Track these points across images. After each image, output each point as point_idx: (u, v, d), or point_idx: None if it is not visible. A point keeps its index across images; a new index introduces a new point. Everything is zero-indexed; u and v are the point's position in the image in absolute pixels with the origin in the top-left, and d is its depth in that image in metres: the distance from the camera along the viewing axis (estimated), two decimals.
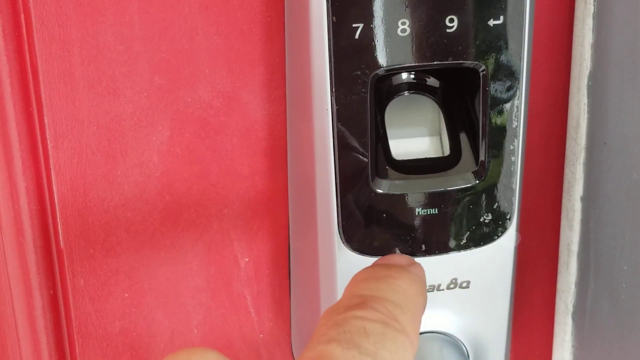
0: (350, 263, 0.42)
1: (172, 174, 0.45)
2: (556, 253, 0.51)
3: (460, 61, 0.39)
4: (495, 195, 0.42)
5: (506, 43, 0.39)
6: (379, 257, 0.42)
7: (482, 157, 0.41)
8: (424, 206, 0.41)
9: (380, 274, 0.33)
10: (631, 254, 0.45)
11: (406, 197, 0.41)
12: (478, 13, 0.39)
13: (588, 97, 0.46)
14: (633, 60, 0.43)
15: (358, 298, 0.30)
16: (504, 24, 0.39)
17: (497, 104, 0.41)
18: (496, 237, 0.43)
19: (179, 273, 0.47)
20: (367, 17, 0.38)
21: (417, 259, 0.42)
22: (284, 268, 0.48)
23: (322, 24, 0.38)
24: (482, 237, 0.43)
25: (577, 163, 0.48)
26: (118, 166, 0.44)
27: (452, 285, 0.44)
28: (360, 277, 0.33)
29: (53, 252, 0.45)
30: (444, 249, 0.42)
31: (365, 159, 0.40)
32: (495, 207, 0.42)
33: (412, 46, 0.39)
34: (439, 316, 0.44)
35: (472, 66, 0.40)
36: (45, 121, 0.42)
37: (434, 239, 0.42)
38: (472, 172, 0.42)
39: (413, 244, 0.42)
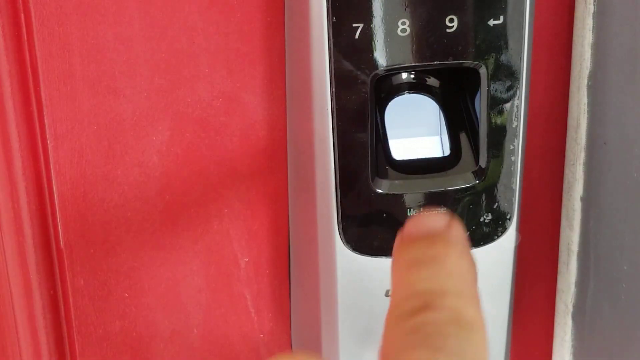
0: (350, 263, 0.42)
1: (172, 174, 0.45)
2: (556, 253, 0.51)
3: (460, 61, 0.39)
4: (495, 195, 0.42)
5: (506, 43, 0.39)
6: (379, 257, 0.42)
7: (482, 157, 0.41)
8: (424, 206, 0.41)
9: (428, 254, 0.31)
10: (631, 254, 0.45)
11: (406, 197, 0.41)
12: (478, 13, 0.39)
13: (588, 97, 0.46)
14: (633, 60, 0.43)
15: (418, 298, 0.30)
16: (504, 24, 0.39)
17: (497, 104, 0.41)
18: (496, 237, 0.43)
19: (179, 273, 0.47)
20: (367, 17, 0.38)
21: None
22: (284, 268, 0.48)
23: (322, 24, 0.38)
24: (482, 237, 0.43)
25: (577, 163, 0.48)
26: (118, 166, 0.44)
27: None
28: (407, 261, 0.31)
29: (53, 252, 0.45)
30: None
31: (365, 159, 0.40)
32: (495, 207, 0.42)
33: (412, 46, 0.39)
34: None
35: (472, 66, 0.40)
36: (45, 121, 0.42)
37: None
38: (472, 172, 0.42)
39: None
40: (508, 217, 0.43)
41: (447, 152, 0.43)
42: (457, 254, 0.31)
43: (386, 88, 0.42)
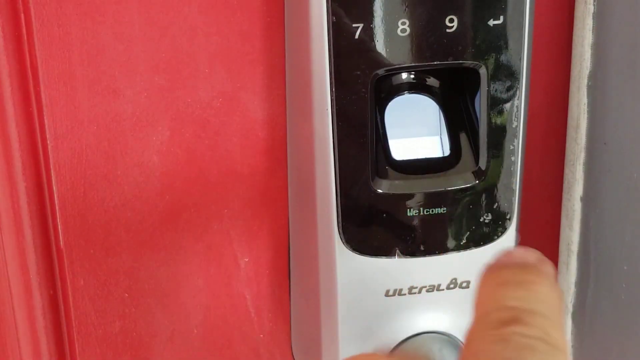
0: (350, 263, 0.42)
1: (172, 174, 0.45)
2: (556, 253, 0.51)
3: (460, 61, 0.39)
4: (495, 195, 0.42)
5: (506, 43, 0.39)
6: (379, 257, 0.42)
7: (482, 157, 0.41)
8: (424, 206, 0.41)
9: (519, 277, 0.32)
10: (631, 254, 0.45)
11: (406, 197, 0.41)
12: (478, 13, 0.39)
13: (588, 97, 0.46)
14: (633, 60, 0.43)
15: (508, 311, 0.30)
16: (504, 24, 0.39)
17: (497, 104, 0.41)
18: (496, 237, 0.43)
19: (179, 273, 0.47)
20: (367, 17, 0.38)
21: (417, 259, 0.42)
22: (284, 268, 0.48)
23: (322, 24, 0.38)
24: (482, 237, 0.43)
25: (577, 163, 0.48)
26: (118, 166, 0.44)
27: (452, 285, 0.44)
28: (498, 280, 0.33)
29: (53, 252, 0.45)
30: (443, 249, 0.42)
31: (365, 159, 0.40)
32: (495, 207, 0.42)
33: (412, 46, 0.39)
34: (439, 316, 0.44)
35: (472, 66, 0.40)
36: (45, 121, 0.42)
37: (434, 239, 0.42)
38: (472, 172, 0.42)
39: (413, 244, 0.42)
40: (508, 217, 0.43)
41: (447, 152, 0.43)
42: (547, 285, 0.32)
43: (386, 88, 0.42)
